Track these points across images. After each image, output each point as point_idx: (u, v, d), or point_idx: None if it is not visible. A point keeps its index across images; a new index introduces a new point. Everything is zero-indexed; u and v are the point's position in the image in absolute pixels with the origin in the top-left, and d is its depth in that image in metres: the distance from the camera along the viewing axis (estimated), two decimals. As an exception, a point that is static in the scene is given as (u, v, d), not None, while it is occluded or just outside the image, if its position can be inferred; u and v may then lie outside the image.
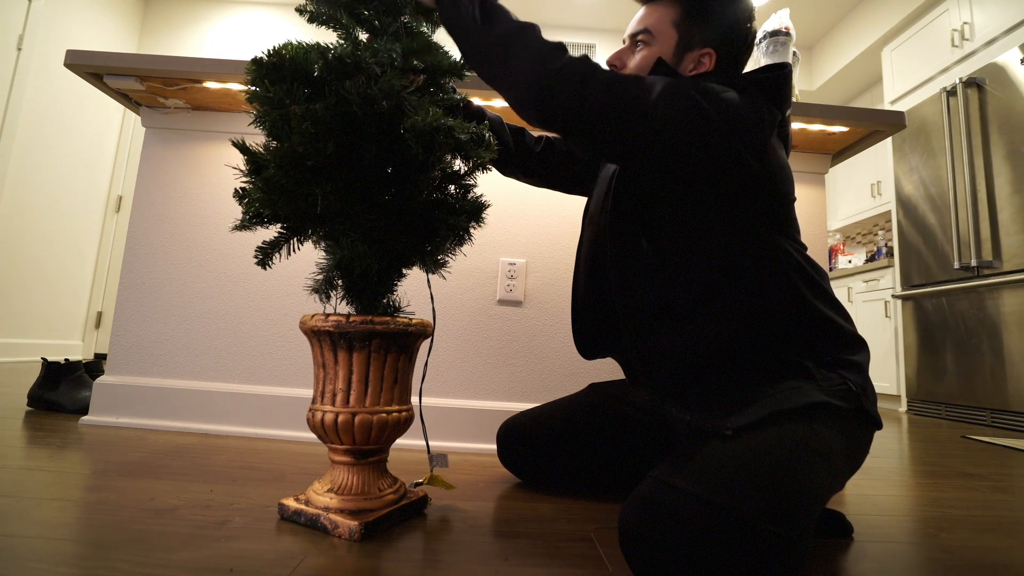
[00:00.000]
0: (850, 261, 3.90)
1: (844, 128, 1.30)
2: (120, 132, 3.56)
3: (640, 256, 0.77)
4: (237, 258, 1.35)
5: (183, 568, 0.55)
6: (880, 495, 1.00)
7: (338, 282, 0.76)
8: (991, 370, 2.29)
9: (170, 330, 1.32)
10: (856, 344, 0.76)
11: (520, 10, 4.06)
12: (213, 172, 1.38)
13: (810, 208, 1.40)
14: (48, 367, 1.41)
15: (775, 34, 1.44)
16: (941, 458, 1.45)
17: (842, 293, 3.48)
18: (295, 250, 0.76)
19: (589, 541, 0.70)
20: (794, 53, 1.44)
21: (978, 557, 0.71)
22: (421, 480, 0.84)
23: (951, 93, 2.57)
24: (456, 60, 0.78)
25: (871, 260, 3.84)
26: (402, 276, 0.80)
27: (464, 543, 0.67)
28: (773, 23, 1.45)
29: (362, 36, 0.76)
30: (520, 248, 1.38)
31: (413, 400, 1.19)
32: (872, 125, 1.28)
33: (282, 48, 0.67)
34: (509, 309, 1.35)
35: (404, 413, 0.75)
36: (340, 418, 0.70)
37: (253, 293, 1.34)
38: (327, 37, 0.79)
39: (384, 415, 0.72)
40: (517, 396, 1.31)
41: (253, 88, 0.68)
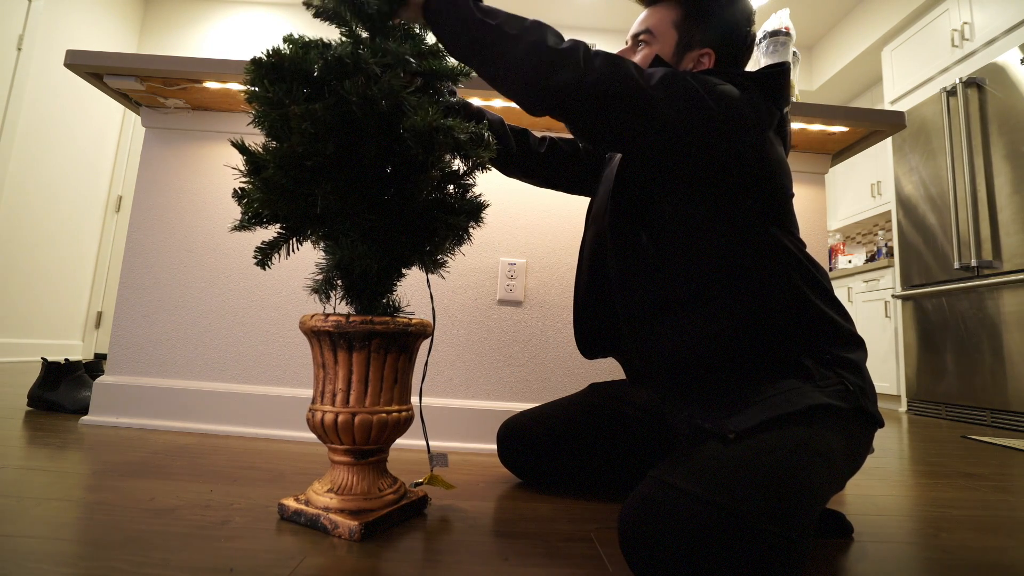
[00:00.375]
0: (850, 261, 3.90)
1: (844, 128, 1.30)
2: (120, 132, 3.56)
3: (640, 251, 0.78)
4: (237, 258, 1.35)
5: (183, 568, 0.55)
6: (880, 495, 1.00)
7: (338, 282, 0.76)
8: (991, 370, 2.29)
9: (170, 330, 1.32)
10: (853, 342, 0.76)
11: (520, 10, 4.06)
12: (213, 172, 1.38)
13: (810, 208, 1.40)
14: (48, 367, 1.41)
15: (775, 34, 1.44)
16: (941, 458, 1.45)
17: (842, 293, 3.48)
18: (294, 250, 0.76)
19: (589, 541, 0.70)
20: (794, 53, 1.44)
21: (978, 557, 0.71)
22: (421, 480, 0.84)
23: (951, 93, 2.57)
24: (457, 65, 0.78)
25: (871, 260, 3.84)
26: (402, 276, 0.80)
27: (464, 543, 0.67)
28: (773, 23, 1.45)
29: (363, 34, 0.76)
30: (520, 248, 1.38)
31: (413, 400, 1.19)
32: (872, 125, 1.28)
33: (282, 47, 0.67)
34: (509, 309, 1.35)
35: (404, 413, 0.75)
36: (340, 418, 0.70)
37: (253, 293, 1.34)
38: (330, 33, 0.79)
39: (384, 415, 0.72)
40: (517, 396, 1.31)
41: (252, 88, 0.68)
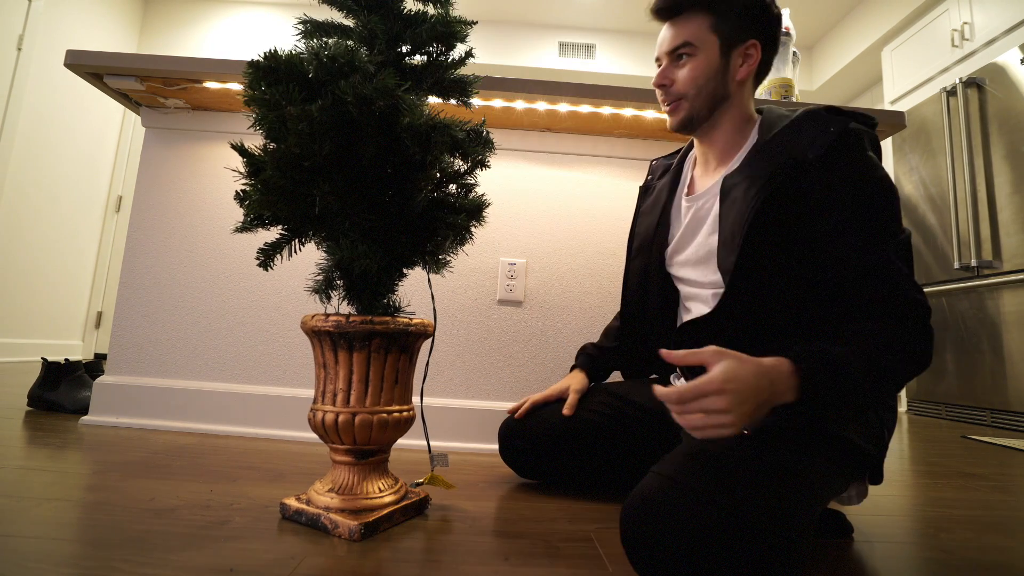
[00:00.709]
0: (850, 261, 3.90)
1: (844, 128, 1.30)
2: (120, 132, 3.56)
3: (740, 294, 0.73)
4: (237, 258, 1.35)
5: (183, 568, 0.55)
6: (880, 495, 1.00)
7: (338, 282, 0.76)
8: (991, 370, 2.29)
9: (170, 330, 1.32)
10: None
11: (521, 10, 4.05)
12: (213, 172, 1.38)
13: (810, 208, 1.40)
14: (48, 367, 1.41)
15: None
16: (941, 458, 1.45)
17: (842, 293, 3.47)
18: (296, 251, 0.76)
19: (589, 541, 0.70)
20: (794, 53, 1.44)
21: (978, 557, 0.71)
22: (422, 480, 0.84)
23: (951, 93, 2.57)
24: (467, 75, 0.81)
25: (871, 260, 3.84)
26: (403, 276, 0.80)
27: (464, 543, 0.67)
28: (773, 23, 1.45)
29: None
30: (520, 248, 1.38)
31: (414, 400, 1.19)
32: (872, 125, 1.28)
33: (279, 50, 0.68)
34: (509, 309, 1.35)
35: (405, 413, 0.75)
36: (341, 418, 0.70)
37: (253, 293, 1.34)
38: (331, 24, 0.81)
39: (384, 415, 0.72)
40: (517, 396, 1.31)
41: (250, 91, 0.68)
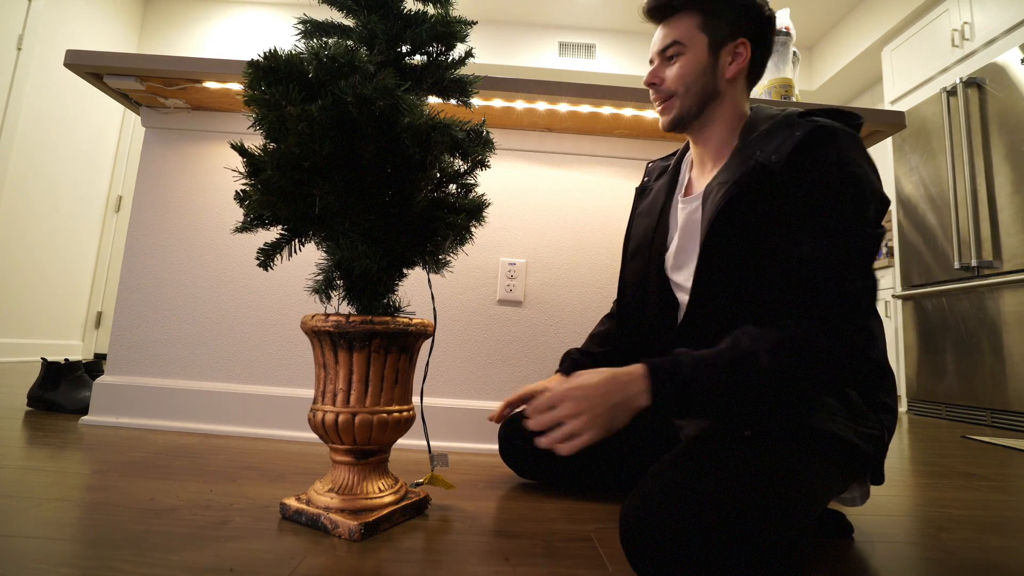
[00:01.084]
0: (850, 261, 3.90)
1: (844, 128, 1.30)
2: (120, 132, 3.56)
3: (716, 290, 0.74)
4: (237, 258, 1.35)
5: (183, 568, 0.55)
6: (880, 495, 1.00)
7: (338, 282, 0.76)
8: (991, 370, 2.29)
9: (170, 330, 1.32)
10: (893, 387, 0.76)
11: (521, 10, 4.05)
12: (213, 172, 1.38)
13: (810, 208, 1.40)
14: (48, 367, 1.41)
15: (775, 34, 1.44)
16: (941, 458, 1.45)
17: (842, 293, 3.47)
18: (297, 251, 0.76)
19: (589, 541, 0.70)
20: (794, 53, 1.44)
21: (978, 557, 0.71)
22: (422, 480, 0.84)
23: (951, 93, 2.57)
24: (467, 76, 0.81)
25: (871, 260, 3.84)
26: (403, 276, 0.80)
27: (464, 543, 0.67)
28: (773, 23, 1.45)
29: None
30: (520, 248, 1.38)
31: (414, 400, 1.19)
32: (872, 125, 1.28)
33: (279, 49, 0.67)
34: (509, 309, 1.35)
35: (405, 413, 0.75)
36: (340, 418, 0.70)
37: (253, 293, 1.34)
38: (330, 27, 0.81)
39: (384, 415, 0.72)
40: (517, 396, 1.31)
41: (250, 91, 0.68)
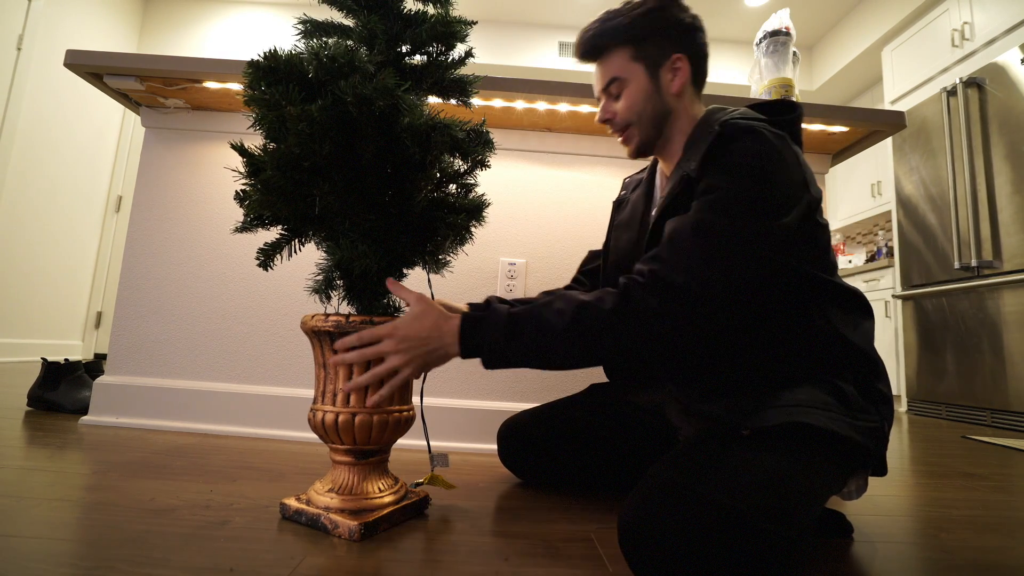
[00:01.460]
0: (850, 261, 3.90)
1: (844, 128, 1.30)
2: (120, 132, 3.56)
3: None
4: (237, 258, 1.35)
5: (183, 568, 0.55)
6: (880, 495, 1.00)
7: (338, 282, 0.76)
8: (991, 370, 2.29)
9: (170, 330, 1.32)
10: (885, 375, 0.75)
11: (521, 10, 4.06)
12: (213, 172, 1.38)
13: (810, 208, 1.40)
14: (48, 367, 1.41)
15: (775, 34, 1.44)
16: (941, 458, 1.45)
17: (842, 293, 3.47)
18: (297, 251, 0.76)
19: (589, 541, 0.70)
20: (794, 53, 1.44)
21: (978, 557, 0.71)
22: (422, 480, 0.84)
23: (951, 93, 2.57)
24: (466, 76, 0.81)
25: (871, 260, 3.84)
26: (403, 276, 0.80)
27: (464, 543, 0.67)
28: (773, 23, 1.45)
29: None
30: (520, 248, 1.37)
31: (414, 400, 1.19)
32: (872, 125, 1.28)
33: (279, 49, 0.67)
34: (509, 309, 1.35)
35: (404, 413, 0.75)
36: (340, 418, 0.70)
37: (253, 293, 1.34)
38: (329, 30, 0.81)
39: (384, 415, 0.72)
40: (517, 396, 1.31)
41: (250, 91, 0.68)
